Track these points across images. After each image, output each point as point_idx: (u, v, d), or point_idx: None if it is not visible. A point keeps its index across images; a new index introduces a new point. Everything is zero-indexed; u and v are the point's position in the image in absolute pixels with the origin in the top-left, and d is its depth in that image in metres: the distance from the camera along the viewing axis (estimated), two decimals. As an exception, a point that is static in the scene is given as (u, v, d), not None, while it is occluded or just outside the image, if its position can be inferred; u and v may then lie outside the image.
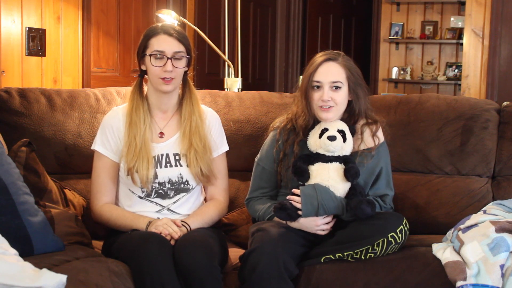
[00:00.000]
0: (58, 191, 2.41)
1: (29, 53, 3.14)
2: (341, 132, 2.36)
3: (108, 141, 2.39)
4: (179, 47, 2.35)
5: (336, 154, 2.36)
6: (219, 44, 4.36)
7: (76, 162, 2.62)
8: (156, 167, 2.36)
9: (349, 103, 2.44)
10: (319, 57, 2.42)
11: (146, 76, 2.43)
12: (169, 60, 2.32)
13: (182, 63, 2.37)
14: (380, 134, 2.48)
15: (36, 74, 3.22)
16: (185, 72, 2.44)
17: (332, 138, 2.33)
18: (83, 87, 3.49)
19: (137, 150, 2.32)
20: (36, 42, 3.17)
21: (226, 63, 3.73)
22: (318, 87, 2.37)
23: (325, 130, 2.37)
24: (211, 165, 2.42)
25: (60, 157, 2.61)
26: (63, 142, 2.61)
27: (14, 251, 1.81)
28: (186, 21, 3.69)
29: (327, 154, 2.35)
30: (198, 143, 2.39)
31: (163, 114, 2.44)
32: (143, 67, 2.42)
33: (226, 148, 2.55)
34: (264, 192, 2.49)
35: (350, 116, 2.45)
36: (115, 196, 2.42)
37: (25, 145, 2.31)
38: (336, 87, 2.37)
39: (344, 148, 2.36)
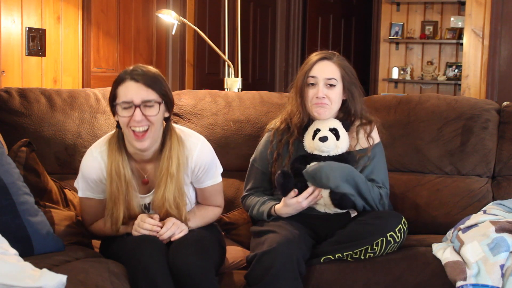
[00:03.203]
0: (58, 191, 2.41)
1: (29, 53, 3.14)
2: (334, 131, 2.38)
3: (93, 188, 2.24)
4: (148, 94, 2.10)
5: (331, 154, 2.37)
6: (219, 44, 4.36)
7: (76, 162, 2.61)
8: (145, 211, 2.27)
9: (344, 102, 2.45)
10: (314, 55, 2.44)
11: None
12: (137, 109, 2.08)
13: (154, 110, 2.11)
14: (375, 134, 2.48)
15: (36, 74, 3.22)
16: (167, 119, 2.20)
17: (323, 139, 2.35)
18: (83, 87, 3.50)
19: (115, 209, 2.17)
20: (36, 42, 3.17)
21: (226, 63, 3.73)
22: (313, 84, 2.39)
23: (318, 131, 2.38)
24: (183, 210, 2.21)
25: (60, 157, 2.61)
26: (63, 142, 2.61)
27: (14, 251, 1.81)
28: (186, 21, 3.69)
29: (322, 154, 2.37)
30: (170, 198, 2.16)
31: (144, 164, 2.25)
32: (116, 118, 2.19)
33: (219, 179, 2.33)
34: (258, 191, 2.51)
35: (345, 116, 2.46)
36: None
37: (25, 145, 2.31)
38: (331, 85, 2.38)
39: (339, 146, 2.38)
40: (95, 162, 2.21)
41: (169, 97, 2.18)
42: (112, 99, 2.16)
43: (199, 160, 2.23)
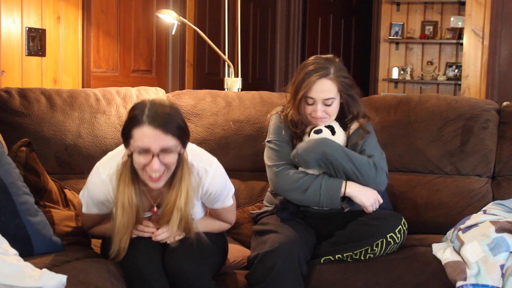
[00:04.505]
0: (58, 191, 2.40)
1: (29, 53, 3.14)
2: (329, 127, 2.40)
3: (99, 207, 2.19)
4: (167, 141, 1.97)
5: None
6: (219, 44, 4.36)
7: (76, 162, 2.62)
8: None
9: (342, 105, 2.45)
10: (312, 71, 2.37)
11: None
12: (155, 158, 1.97)
13: (172, 157, 2.01)
14: (369, 127, 2.47)
15: (36, 74, 3.22)
16: (180, 154, 2.07)
17: (318, 131, 2.38)
18: (83, 87, 3.50)
19: (124, 239, 2.09)
20: (36, 42, 3.17)
21: (226, 63, 3.73)
22: (311, 103, 2.38)
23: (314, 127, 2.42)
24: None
25: (60, 157, 2.61)
26: (63, 142, 2.61)
27: (14, 251, 1.80)
28: (186, 21, 3.69)
29: None
30: (174, 228, 2.10)
31: (152, 191, 2.17)
32: (128, 152, 2.05)
33: (230, 202, 2.26)
34: (288, 163, 2.41)
35: (343, 116, 2.47)
36: None
37: (25, 145, 2.31)
38: (328, 104, 2.38)
39: (336, 140, 2.38)
40: (103, 185, 2.12)
41: (186, 134, 2.05)
42: (126, 137, 2.02)
43: (210, 188, 2.17)
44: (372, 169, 2.33)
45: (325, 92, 2.36)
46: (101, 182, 2.12)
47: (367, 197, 2.31)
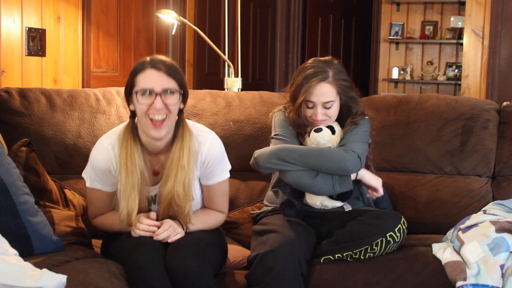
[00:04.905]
0: (58, 191, 2.40)
1: (29, 53, 3.14)
2: (329, 127, 2.42)
3: (102, 179, 2.24)
4: (169, 83, 2.12)
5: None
6: (219, 44, 4.36)
7: (76, 162, 2.62)
8: (150, 205, 2.28)
9: (342, 106, 2.46)
10: (311, 75, 2.38)
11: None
12: (158, 97, 2.09)
13: (174, 98, 2.13)
14: (362, 122, 2.46)
15: (36, 74, 3.22)
16: (181, 111, 2.21)
17: (318, 130, 2.40)
18: (83, 87, 3.49)
19: (136, 202, 2.16)
20: (36, 42, 3.17)
21: (226, 63, 3.73)
22: (311, 107, 2.41)
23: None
24: (184, 213, 2.20)
25: (60, 157, 2.61)
26: (63, 142, 2.61)
27: (14, 251, 1.81)
28: (186, 21, 3.69)
29: None
30: (178, 194, 2.16)
31: (155, 155, 2.26)
32: (131, 108, 2.19)
33: (227, 175, 2.34)
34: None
35: (343, 115, 2.48)
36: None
37: (25, 145, 2.31)
38: (328, 107, 2.40)
39: (335, 139, 2.41)
40: (105, 152, 2.21)
41: (186, 89, 2.19)
42: (130, 88, 2.15)
43: (209, 153, 2.24)
44: (337, 152, 2.34)
45: (324, 95, 2.38)
46: (103, 149, 2.21)
47: (377, 179, 2.42)
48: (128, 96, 2.17)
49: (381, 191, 2.42)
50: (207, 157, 2.25)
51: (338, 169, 2.33)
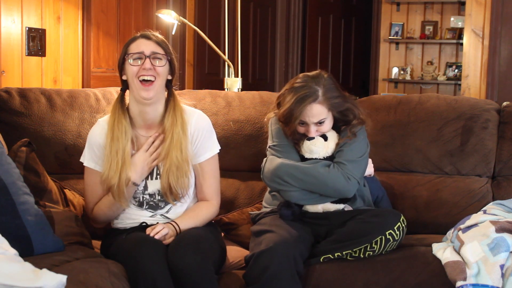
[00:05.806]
0: (58, 191, 2.41)
1: (29, 53, 3.14)
2: (323, 137, 2.43)
3: (97, 156, 2.34)
4: (158, 48, 2.31)
5: (321, 155, 2.41)
6: (219, 44, 4.36)
7: (76, 162, 2.61)
8: (146, 179, 2.33)
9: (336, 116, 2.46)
10: (301, 99, 2.36)
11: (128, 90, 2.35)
12: (147, 59, 2.27)
13: (161, 62, 2.30)
14: (360, 131, 2.46)
15: (36, 74, 3.22)
16: (169, 82, 2.36)
17: (310, 138, 2.41)
18: (83, 87, 3.49)
19: (118, 167, 2.26)
20: (36, 42, 3.17)
21: (226, 63, 3.73)
22: (304, 124, 2.41)
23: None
24: (184, 182, 2.31)
25: (60, 157, 2.61)
26: (63, 142, 2.61)
27: (14, 251, 1.81)
28: (186, 21, 3.69)
29: (314, 156, 2.41)
30: (177, 157, 2.29)
31: (147, 129, 2.36)
32: (124, 77, 2.34)
33: (216, 150, 2.43)
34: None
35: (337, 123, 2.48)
36: None
37: (25, 145, 2.31)
38: (321, 122, 2.41)
39: (329, 145, 2.42)
40: (99, 127, 2.36)
41: (173, 61, 2.35)
42: (123, 57, 2.32)
43: (198, 124, 2.38)
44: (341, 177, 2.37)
45: (315, 116, 2.39)
46: (97, 124, 2.38)
47: (370, 166, 2.53)
48: (122, 66, 2.33)
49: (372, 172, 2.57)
50: (196, 127, 2.37)
51: (338, 196, 2.39)
